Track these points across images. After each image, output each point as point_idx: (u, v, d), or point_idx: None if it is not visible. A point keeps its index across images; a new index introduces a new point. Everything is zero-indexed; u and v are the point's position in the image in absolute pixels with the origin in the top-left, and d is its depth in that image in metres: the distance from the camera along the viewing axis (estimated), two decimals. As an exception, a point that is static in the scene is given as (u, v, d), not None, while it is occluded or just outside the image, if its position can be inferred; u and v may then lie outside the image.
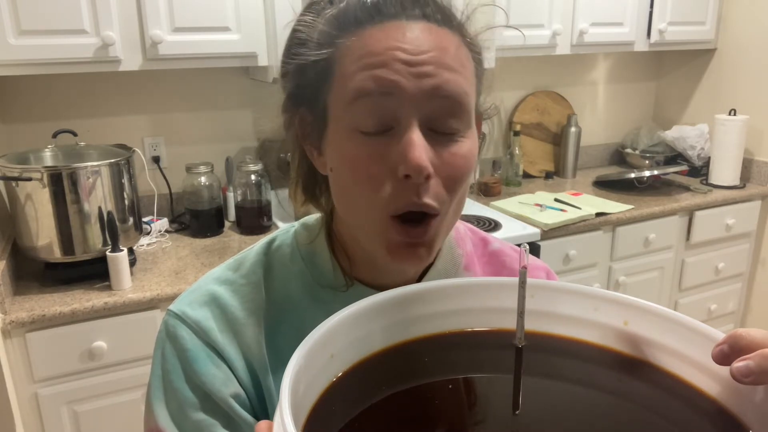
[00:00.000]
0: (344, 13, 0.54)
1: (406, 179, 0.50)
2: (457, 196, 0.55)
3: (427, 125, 0.52)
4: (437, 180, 0.52)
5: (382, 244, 0.54)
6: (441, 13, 0.54)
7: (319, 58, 0.54)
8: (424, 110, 0.51)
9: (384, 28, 0.52)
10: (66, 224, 1.57)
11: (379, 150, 0.51)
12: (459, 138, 0.53)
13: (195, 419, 0.58)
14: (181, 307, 0.62)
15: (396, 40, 0.51)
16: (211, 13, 1.76)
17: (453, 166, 0.53)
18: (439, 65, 0.51)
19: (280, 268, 0.64)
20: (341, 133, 0.53)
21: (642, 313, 0.45)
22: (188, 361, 0.59)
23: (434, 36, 0.52)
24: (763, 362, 0.36)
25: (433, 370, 0.46)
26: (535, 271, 0.74)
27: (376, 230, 0.54)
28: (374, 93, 0.50)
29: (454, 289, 0.50)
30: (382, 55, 0.50)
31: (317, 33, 0.54)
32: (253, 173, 2.00)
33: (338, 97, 0.53)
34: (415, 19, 0.53)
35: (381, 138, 0.51)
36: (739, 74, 2.61)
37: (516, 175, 2.55)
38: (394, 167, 0.51)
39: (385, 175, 0.51)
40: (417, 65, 0.50)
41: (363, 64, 0.51)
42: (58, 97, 1.93)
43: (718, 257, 2.52)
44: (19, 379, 1.49)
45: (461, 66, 0.53)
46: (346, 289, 0.62)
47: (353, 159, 0.52)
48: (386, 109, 0.51)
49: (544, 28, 2.24)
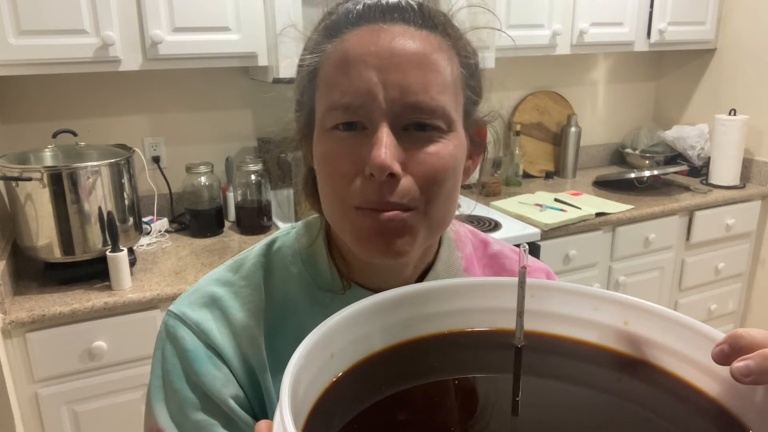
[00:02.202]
0: (333, 22, 0.56)
1: (371, 177, 0.51)
2: (437, 196, 0.54)
3: (402, 125, 0.53)
4: (409, 178, 0.53)
5: (353, 235, 0.55)
6: (422, 15, 0.55)
7: (310, 64, 0.56)
8: (395, 110, 0.52)
9: (360, 33, 0.54)
10: (66, 224, 1.57)
11: (352, 148, 0.53)
12: (438, 139, 0.54)
13: (195, 419, 0.58)
14: (181, 308, 0.62)
15: (370, 44, 0.52)
16: (211, 13, 1.76)
17: (426, 164, 0.53)
18: (412, 66, 0.52)
19: (280, 270, 0.65)
20: (321, 133, 0.55)
21: (642, 313, 0.45)
22: (188, 362, 0.60)
23: (411, 38, 0.53)
24: (763, 362, 0.36)
25: (432, 370, 0.46)
26: (535, 272, 0.74)
27: (345, 223, 0.55)
28: (350, 103, 0.52)
29: (454, 289, 0.50)
30: (355, 62, 0.52)
31: (311, 42, 0.58)
32: (253, 173, 2.00)
33: (320, 99, 0.55)
34: (393, 23, 0.54)
35: (355, 137, 0.53)
36: (739, 74, 2.61)
37: (516, 175, 2.55)
38: (362, 165, 0.52)
39: (355, 172, 0.53)
40: (386, 70, 0.51)
41: (340, 71, 0.53)
42: (58, 97, 1.93)
43: (718, 257, 2.52)
44: (19, 379, 1.49)
45: (440, 67, 0.53)
46: (343, 292, 0.62)
47: (328, 156, 0.54)
48: (359, 109, 0.52)
49: (544, 28, 2.24)
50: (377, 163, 0.50)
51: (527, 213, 2.15)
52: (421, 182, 0.53)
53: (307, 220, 0.68)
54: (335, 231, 0.61)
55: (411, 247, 0.55)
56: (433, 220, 0.56)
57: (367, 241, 0.54)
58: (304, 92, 0.58)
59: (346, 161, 0.53)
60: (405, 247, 0.54)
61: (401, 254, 0.54)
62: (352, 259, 0.63)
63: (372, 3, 0.55)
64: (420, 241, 0.56)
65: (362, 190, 0.52)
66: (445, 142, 0.54)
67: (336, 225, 0.58)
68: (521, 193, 2.45)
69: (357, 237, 0.54)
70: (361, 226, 0.54)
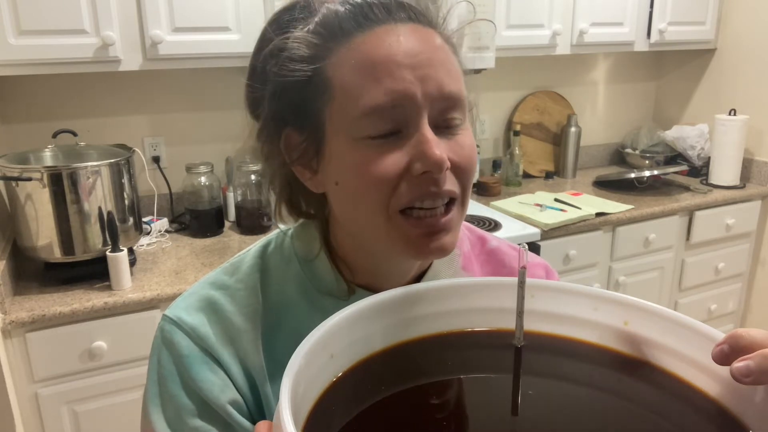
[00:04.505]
0: (328, 24, 0.53)
1: (423, 176, 0.51)
2: (469, 185, 0.57)
3: (435, 121, 0.53)
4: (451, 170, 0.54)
5: (401, 242, 0.54)
6: (422, 13, 0.55)
7: (308, 73, 0.53)
8: (431, 110, 0.52)
9: (375, 34, 0.52)
10: (66, 224, 1.57)
11: (392, 153, 0.52)
12: (460, 131, 0.55)
13: (193, 426, 0.57)
14: (177, 313, 0.61)
15: (393, 46, 0.51)
16: (210, 13, 1.76)
17: (462, 156, 0.54)
18: (436, 65, 0.52)
19: (276, 272, 0.64)
20: (347, 144, 0.53)
21: (642, 313, 0.45)
22: (185, 367, 0.59)
23: (424, 36, 0.53)
24: (763, 362, 0.36)
25: (432, 371, 0.46)
26: (534, 268, 0.74)
27: (389, 231, 0.54)
28: (388, 105, 0.51)
29: (454, 289, 0.50)
30: (383, 63, 0.51)
31: (301, 49, 0.54)
32: (253, 173, 2.00)
33: (342, 110, 0.52)
34: (403, 22, 0.54)
35: (389, 141, 0.52)
36: (739, 74, 2.61)
37: (516, 175, 2.55)
38: (407, 166, 0.52)
39: (397, 176, 0.52)
40: (418, 68, 0.51)
41: (366, 75, 0.51)
42: (58, 97, 1.93)
43: (718, 257, 2.52)
44: (19, 379, 1.49)
45: (451, 63, 0.54)
46: (348, 297, 0.62)
47: (362, 165, 0.52)
48: (399, 116, 0.52)
49: (544, 28, 2.24)
50: (436, 160, 0.50)
51: (527, 213, 2.15)
52: (458, 174, 0.54)
53: (301, 223, 0.66)
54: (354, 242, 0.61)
55: (455, 241, 0.56)
56: (465, 210, 0.58)
57: (418, 246, 0.54)
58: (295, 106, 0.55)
59: (387, 167, 0.52)
60: (452, 243, 0.56)
61: (449, 250, 0.55)
62: (357, 264, 0.62)
63: (376, 3, 0.54)
64: (459, 229, 0.58)
65: (412, 190, 0.52)
66: (467, 132, 0.56)
67: (375, 232, 0.56)
68: (521, 193, 2.44)
69: (408, 243, 0.54)
70: (413, 232, 0.54)
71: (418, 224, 0.53)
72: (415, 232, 0.53)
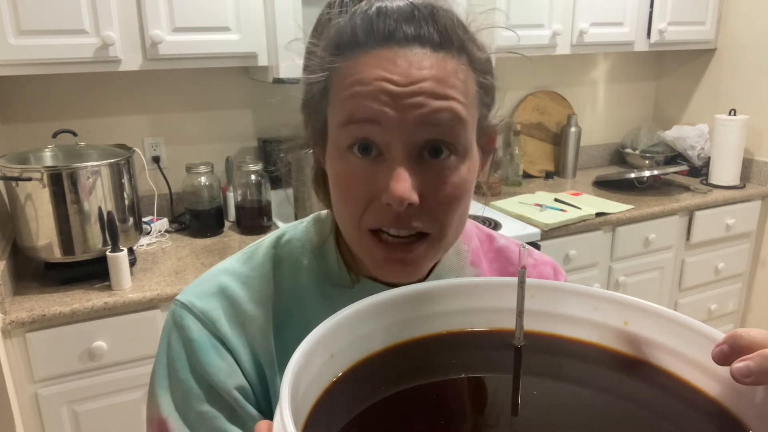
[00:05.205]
0: (341, 35, 0.54)
1: (388, 206, 0.52)
2: (452, 221, 0.55)
3: (418, 151, 0.52)
4: (425, 205, 0.53)
5: (369, 259, 0.57)
6: (439, 34, 0.52)
7: (319, 78, 0.55)
8: (412, 138, 0.51)
9: (375, 56, 0.52)
10: (66, 224, 1.57)
11: (368, 173, 0.52)
12: (452, 164, 0.53)
13: (199, 411, 0.58)
14: (189, 297, 0.62)
15: (385, 70, 0.51)
16: (211, 13, 1.76)
17: (442, 192, 0.53)
18: (429, 95, 0.51)
19: (289, 262, 0.65)
20: (336, 152, 0.55)
21: (642, 313, 0.45)
22: (193, 351, 0.59)
23: (428, 63, 0.51)
24: (763, 362, 0.36)
25: (432, 370, 0.46)
26: (542, 266, 0.74)
27: (361, 245, 0.56)
28: (360, 122, 0.51)
29: (454, 289, 0.50)
30: (369, 85, 0.51)
31: (318, 55, 0.56)
32: (253, 173, 2.00)
33: (333, 118, 0.54)
34: (409, 45, 0.52)
35: (371, 162, 0.52)
36: (739, 74, 2.61)
37: (516, 175, 2.55)
38: (378, 193, 0.52)
39: (370, 198, 0.53)
40: (404, 97, 0.50)
41: (352, 92, 0.52)
42: (58, 97, 1.93)
43: (718, 257, 2.52)
44: (19, 379, 1.49)
45: (458, 92, 0.52)
46: (352, 285, 0.63)
47: (343, 178, 0.54)
48: (373, 136, 0.52)
49: (544, 28, 2.24)
50: (396, 196, 0.50)
51: (527, 213, 2.15)
52: (437, 209, 0.54)
53: (317, 214, 0.68)
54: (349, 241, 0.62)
55: (425, 269, 0.58)
56: (447, 241, 0.57)
57: (382, 266, 0.56)
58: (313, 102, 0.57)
59: (361, 186, 0.53)
60: (420, 270, 0.57)
61: (416, 276, 0.57)
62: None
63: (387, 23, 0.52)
64: (433, 260, 0.58)
65: (378, 215, 0.53)
66: (460, 167, 0.54)
67: (350, 242, 0.59)
68: (521, 193, 2.44)
69: (372, 261, 0.56)
70: (375, 251, 0.55)
71: (385, 249, 0.54)
72: (381, 255, 0.55)
